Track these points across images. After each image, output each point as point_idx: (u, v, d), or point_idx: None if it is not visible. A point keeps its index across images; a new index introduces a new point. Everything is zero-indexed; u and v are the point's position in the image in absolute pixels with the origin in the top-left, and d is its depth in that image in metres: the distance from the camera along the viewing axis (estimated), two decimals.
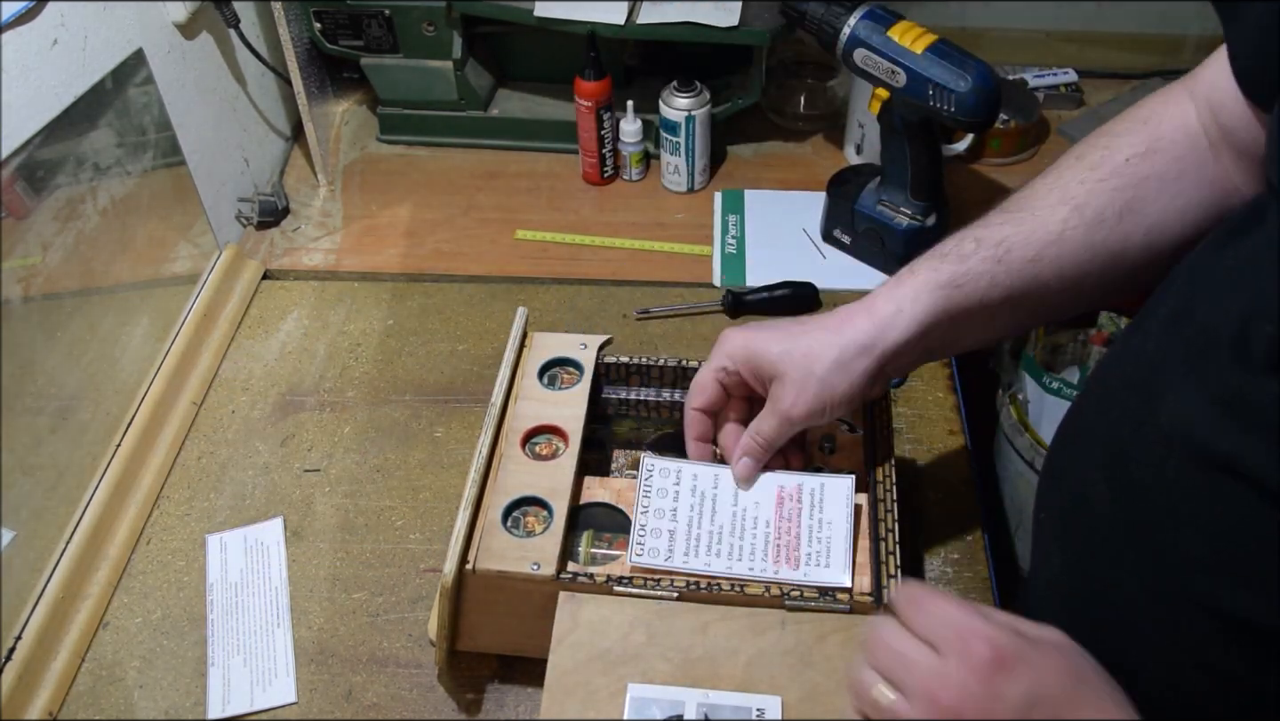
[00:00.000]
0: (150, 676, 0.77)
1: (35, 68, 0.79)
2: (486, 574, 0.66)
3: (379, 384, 0.98)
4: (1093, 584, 0.58)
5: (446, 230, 1.16)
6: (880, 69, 0.97)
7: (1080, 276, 0.64)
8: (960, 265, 0.64)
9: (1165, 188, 0.63)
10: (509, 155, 1.26)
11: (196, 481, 0.91)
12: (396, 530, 0.86)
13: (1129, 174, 0.63)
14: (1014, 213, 0.65)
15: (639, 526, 0.69)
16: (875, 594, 0.65)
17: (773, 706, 0.61)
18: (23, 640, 0.75)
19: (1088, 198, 0.63)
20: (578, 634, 0.64)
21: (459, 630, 0.71)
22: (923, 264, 0.66)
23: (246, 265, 1.09)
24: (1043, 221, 0.64)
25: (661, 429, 0.82)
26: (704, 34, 1.11)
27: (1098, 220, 0.63)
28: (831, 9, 0.99)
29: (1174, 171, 0.63)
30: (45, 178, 0.80)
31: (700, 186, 1.19)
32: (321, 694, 0.76)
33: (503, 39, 1.26)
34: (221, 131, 1.11)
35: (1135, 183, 0.63)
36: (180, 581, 0.83)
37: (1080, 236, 0.63)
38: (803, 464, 0.74)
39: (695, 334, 1.01)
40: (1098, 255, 0.63)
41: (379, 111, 1.27)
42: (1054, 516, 0.63)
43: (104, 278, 0.89)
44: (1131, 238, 0.63)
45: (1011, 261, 0.63)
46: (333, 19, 1.18)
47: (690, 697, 0.61)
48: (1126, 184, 0.63)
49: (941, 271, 0.65)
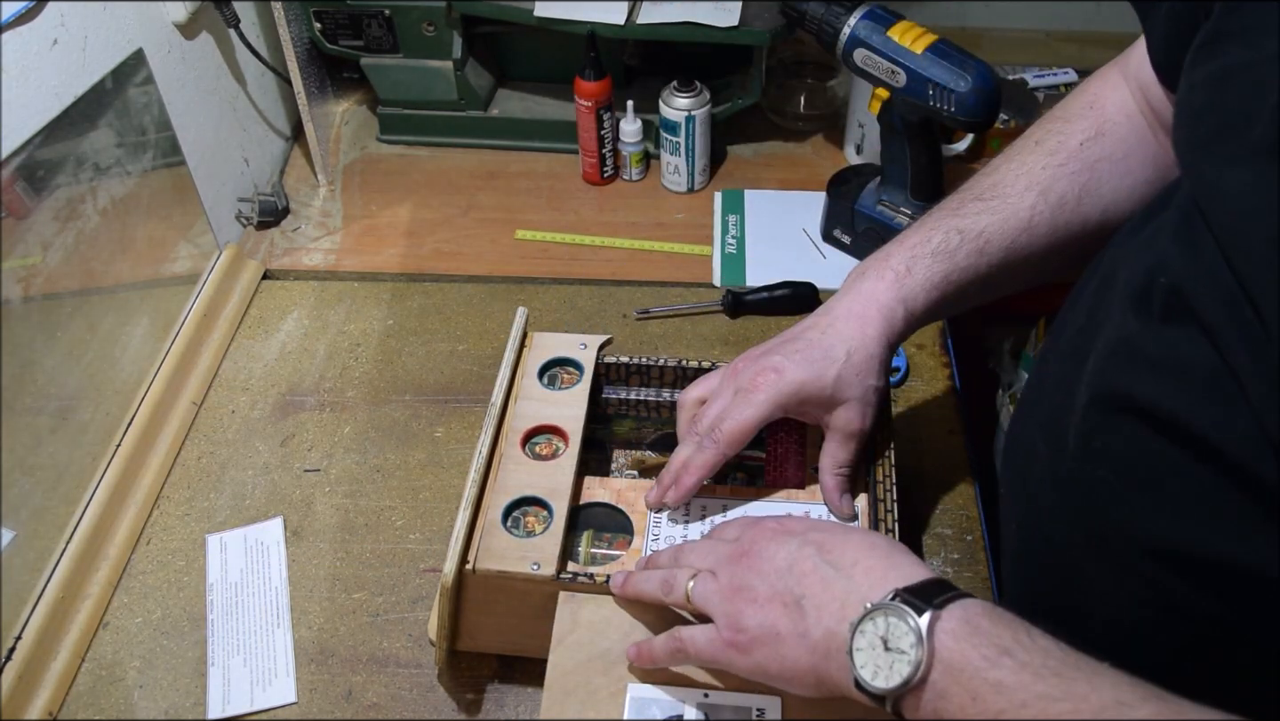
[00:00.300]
0: (150, 676, 0.77)
1: (35, 68, 0.79)
2: (486, 574, 0.66)
3: (379, 384, 0.98)
4: (1039, 538, 0.62)
5: (446, 230, 1.16)
6: (880, 69, 0.97)
7: (1046, 256, 0.69)
8: (950, 263, 0.68)
9: (1115, 168, 0.68)
10: (509, 155, 1.26)
11: (196, 481, 0.91)
12: (396, 530, 0.86)
13: (1083, 157, 0.68)
14: (988, 201, 0.69)
15: (648, 549, 0.70)
16: None
17: (772, 706, 0.61)
18: (23, 640, 0.75)
19: (1051, 183, 0.68)
20: (578, 634, 0.64)
21: (459, 630, 0.71)
22: (918, 260, 0.69)
23: (246, 265, 1.09)
24: (1014, 209, 0.68)
25: (661, 429, 0.82)
26: (704, 34, 1.11)
27: (1060, 204, 0.68)
28: (831, 9, 0.99)
29: (1121, 152, 0.68)
30: (45, 178, 0.80)
31: (700, 186, 1.19)
32: (321, 694, 0.76)
33: (503, 39, 1.26)
34: (221, 131, 1.11)
35: (1090, 166, 0.68)
36: (180, 581, 0.83)
37: (1047, 220, 0.68)
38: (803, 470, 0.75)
39: (695, 334, 1.01)
40: (1060, 237, 0.68)
41: (379, 111, 1.27)
42: (1007, 486, 0.67)
43: (104, 278, 0.89)
44: (1090, 218, 0.68)
45: (991, 252, 0.68)
46: (333, 19, 1.18)
47: (690, 698, 0.62)
48: (1083, 167, 0.68)
49: (935, 271, 0.68)
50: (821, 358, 0.67)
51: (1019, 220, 0.68)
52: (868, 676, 0.50)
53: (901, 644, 0.48)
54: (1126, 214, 0.67)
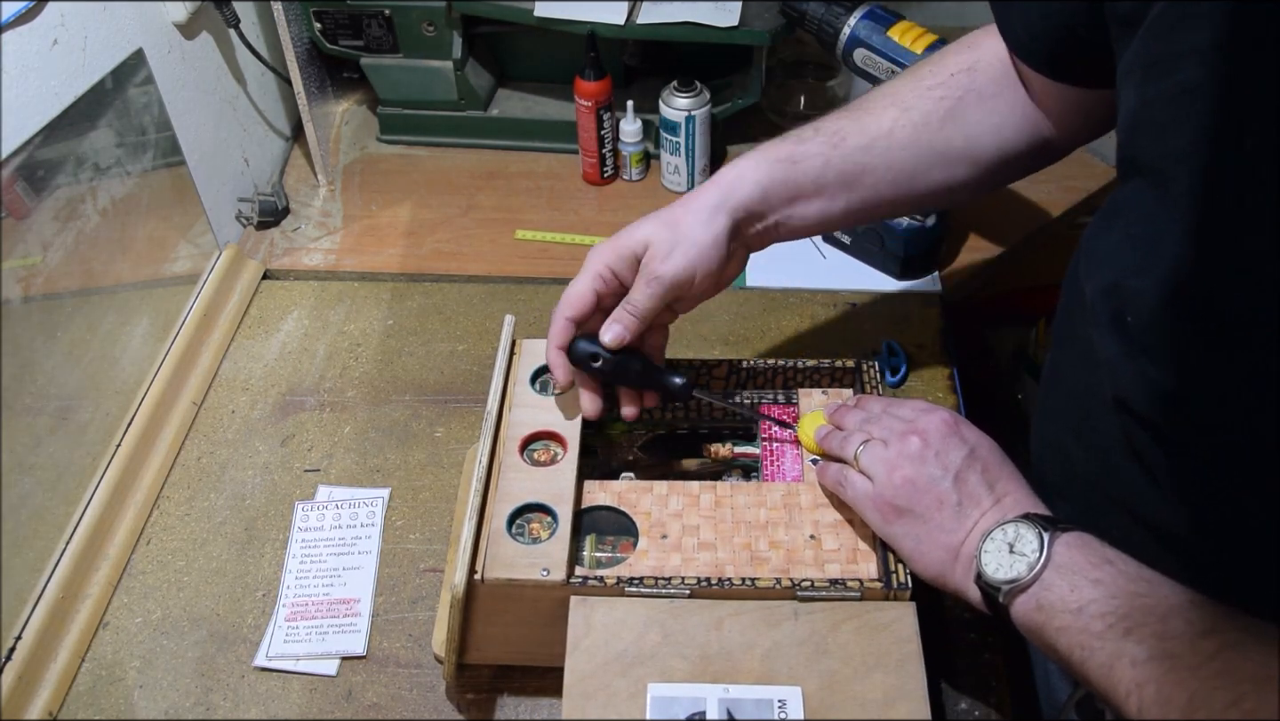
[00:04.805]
0: (150, 676, 0.77)
1: (35, 68, 0.79)
2: (496, 583, 0.66)
3: (379, 384, 0.98)
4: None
5: (446, 230, 1.16)
6: (880, 69, 0.97)
7: (909, 170, 0.72)
8: (798, 145, 0.72)
9: (983, 103, 0.71)
10: (509, 155, 1.26)
11: (196, 481, 0.91)
12: (396, 530, 0.86)
13: (953, 85, 0.72)
14: (850, 111, 0.74)
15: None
16: (884, 579, 0.66)
17: (794, 697, 0.61)
18: (23, 640, 0.75)
19: (916, 102, 0.72)
20: (592, 637, 0.64)
21: (467, 643, 0.70)
22: (763, 145, 0.73)
23: (246, 265, 1.09)
24: (876, 119, 0.72)
25: (653, 430, 0.82)
26: (704, 34, 1.11)
27: (924, 122, 0.72)
28: (831, 9, 1.00)
29: (991, 90, 0.72)
30: (45, 178, 0.80)
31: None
32: (321, 694, 0.76)
33: (503, 39, 1.26)
34: (221, 131, 1.11)
35: (958, 94, 0.72)
36: (180, 581, 0.83)
37: (908, 134, 0.72)
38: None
39: (695, 334, 1.01)
40: (922, 152, 0.72)
41: (379, 111, 1.27)
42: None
43: (104, 278, 0.89)
44: (953, 141, 0.72)
45: (846, 148, 0.72)
46: (333, 19, 1.18)
47: (711, 694, 0.62)
48: (950, 94, 0.72)
49: (780, 149, 0.72)
50: (645, 219, 0.73)
51: (879, 127, 0.72)
52: (990, 570, 0.58)
53: (1025, 548, 0.57)
54: (992, 150, 0.72)
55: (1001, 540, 0.58)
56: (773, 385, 0.82)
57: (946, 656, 0.75)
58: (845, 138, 0.72)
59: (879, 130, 0.72)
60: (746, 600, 0.66)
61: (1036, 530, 0.57)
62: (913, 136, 0.71)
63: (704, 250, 0.70)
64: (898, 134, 0.71)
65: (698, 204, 0.71)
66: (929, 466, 0.63)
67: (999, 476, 0.63)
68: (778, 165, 0.71)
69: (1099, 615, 0.52)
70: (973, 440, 0.65)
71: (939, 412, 0.66)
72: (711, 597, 0.66)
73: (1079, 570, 0.55)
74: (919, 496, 0.63)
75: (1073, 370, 0.65)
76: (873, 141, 0.71)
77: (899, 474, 0.64)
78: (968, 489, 0.62)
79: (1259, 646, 0.47)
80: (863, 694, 0.61)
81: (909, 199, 0.75)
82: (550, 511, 0.70)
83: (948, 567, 0.62)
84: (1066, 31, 0.62)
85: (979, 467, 0.63)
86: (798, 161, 0.71)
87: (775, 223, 0.73)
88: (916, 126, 0.71)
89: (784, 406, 0.81)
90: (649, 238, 0.71)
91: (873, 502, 0.65)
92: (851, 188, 0.72)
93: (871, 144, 0.71)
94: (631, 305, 0.72)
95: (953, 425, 0.65)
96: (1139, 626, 0.51)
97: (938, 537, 0.62)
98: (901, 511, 0.63)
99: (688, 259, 0.70)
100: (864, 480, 0.66)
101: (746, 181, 0.71)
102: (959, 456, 0.63)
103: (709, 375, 0.82)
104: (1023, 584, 0.56)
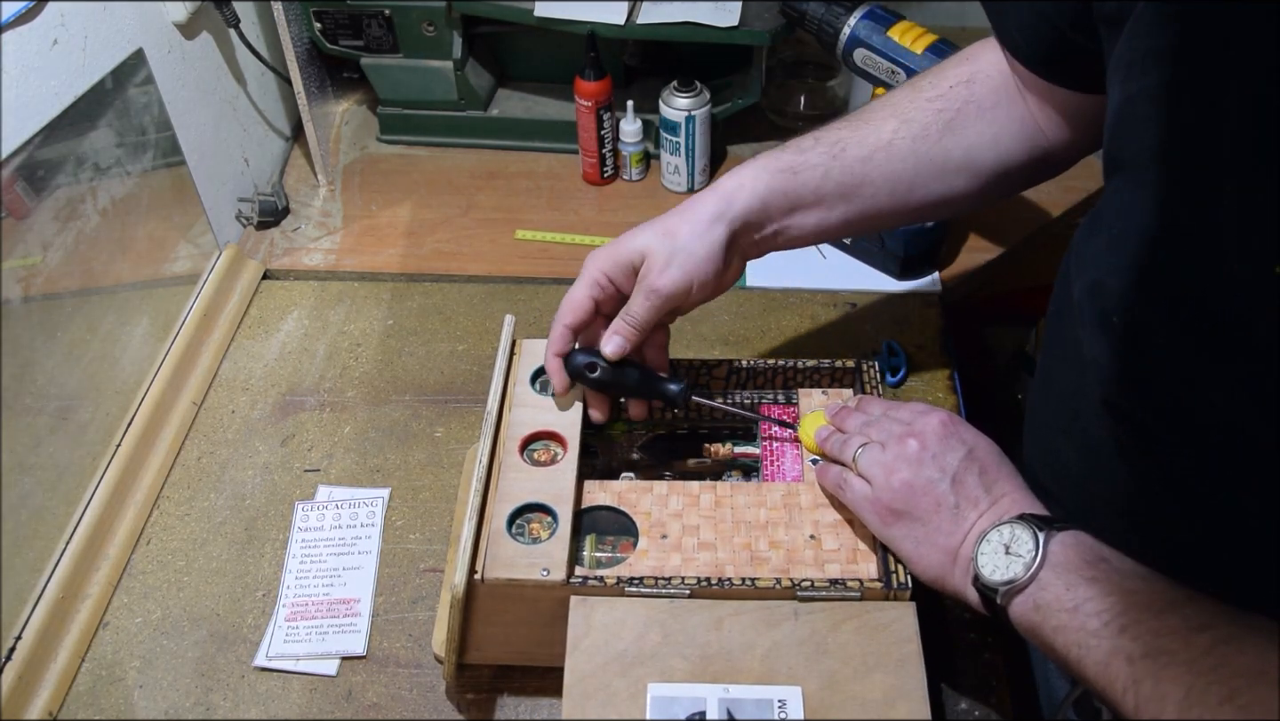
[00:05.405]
0: (150, 676, 0.77)
1: (35, 68, 0.79)
2: (496, 583, 0.66)
3: (379, 384, 0.98)
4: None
5: (446, 230, 1.16)
6: (880, 69, 0.97)
7: (907, 181, 0.72)
8: (799, 155, 0.72)
9: (982, 114, 0.72)
10: (509, 155, 1.26)
11: (196, 481, 0.91)
12: (396, 530, 0.86)
13: (952, 96, 0.72)
14: (850, 122, 0.74)
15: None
16: (884, 579, 0.66)
17: (794, 697, 0.61)
18: (23, 640, 0.75)
19: (915, 113, 0.72)
20: (592, 637, 0.64)
21: (467, 642, 0.70)
22: (764, 154, 0.73)
23: (246, 265, 1.09)
24: (875, 129, 0.72)
25: (653, 430, 0.82)
26: (704, 34, 1.11)
27: (923, 133, 0.72)
28: (831, 9, 1.00)
29: (990, 101, 0.72)
30: (45, 178, 0.80)
31: (700, 186, 1.19)
32: (321, 694, 0.76)
33: (503, 39, 1.26)
34: (221, 131, 1.11)
35: (957, 106, 0.72)
36: (180, 581, 0.83)
37: (907, 145, 0.71)
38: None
39: (695, 334, 1.01)
40: (921, 164, 0.72)
41: (379, 111, 1.27)
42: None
43: (104, 278, 0.89)
44: (951, 153, 0.72)
45: (846, 158, 0.71)
46: (333, 19, 1.18)
47: (711, 694, 0.62)
48: (949, 105, 0.72)
49: (781, 159, 0.72)
50: (642, 227, 0.72)
51: (878, 138, 0.72)
52: (987, 572, 0.58)
53: (1020, 549, 0.57)
54: (990, 161, 0.72)
55: (998, 541, 0.59)
56: (773, 385, 0.82)
57: (946, 656, 0.75)
58: (846, 148, 0.72)
59: (879, 141, 0.72)
60: (746, 600, 0.66)
61: (1032, 530, 0.57)
62: (912, 148, 0.71)
63: (700, 263, 0.70)
64: (897, 145, 0.71)
65: (696, 213, 0.71)
66: (926, 469, 0.63)
67: (997, 477, 0.63)
68: (778, 175, 0.71)
69: (1094, 613, 0.53)
70: (971, 441, 0.65)
71: (937, 414, 0.67)
72: (711, 597, 0.66)
73: (1074, 569, 0.55)
74: (917, 499, 0.63)
75: (1063, 371, 0.66)
76: (872, 153, 0.72)
77: (897, 477, 0.64)
78: (965, 491, 0.62)
79: (1254, 641, 0.47)
80: (863, 694, 0.61)
81: (907, 210, 0.74)
82: (550, 511, 0.70)
83: (946, 570, 0.62)
84: (1059, 31, 0.63)
85: (977, 469, 0.63)
86: (798, 172, 0.71)
87: (773, 232, 0.73)
88: (915, 138, 0.71)
89: (784, 406, 0.81)
90: (646, 247, 0.71)
91: (871, 506, 0.65)
92: (850, 199, 0.72)
93: (871, 155, 0.71)
94: (630, 316, 0.72)
95: (950, 427, 0.65)
96: (1134, 623, 0.51)
97: (936, 540, 0.62)
98: (900, 514, 0.64)
99: (684, 271, 0.70)
100: (863, 483, 0.67)
101: (747, 191, 0.71)
102: (956, 458, 0.64)
103: (709, 375, 0.82)
104: (1019, 585, 0.56)
